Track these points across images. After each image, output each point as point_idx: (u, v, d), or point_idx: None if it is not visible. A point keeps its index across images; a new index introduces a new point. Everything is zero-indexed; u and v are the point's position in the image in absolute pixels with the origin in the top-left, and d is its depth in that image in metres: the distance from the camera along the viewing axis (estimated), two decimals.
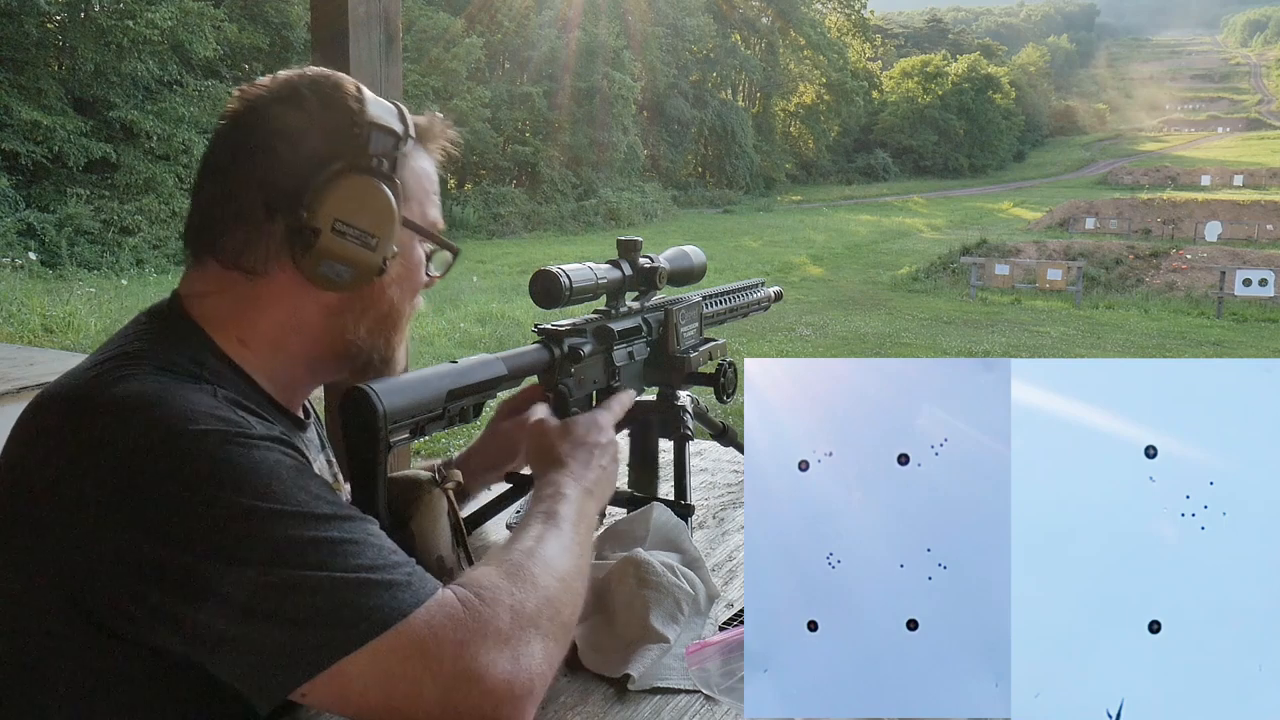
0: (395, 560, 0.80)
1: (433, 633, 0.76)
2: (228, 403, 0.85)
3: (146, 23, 17.10)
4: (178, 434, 0.78)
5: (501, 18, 30.44)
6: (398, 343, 1.03)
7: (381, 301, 1.00)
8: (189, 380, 0.86)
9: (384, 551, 0.80)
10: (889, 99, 63.44)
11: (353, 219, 0.93)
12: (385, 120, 0.96)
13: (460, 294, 13.95)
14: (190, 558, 0.74)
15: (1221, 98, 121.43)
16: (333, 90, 0.97)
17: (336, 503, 0.82)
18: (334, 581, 0.75)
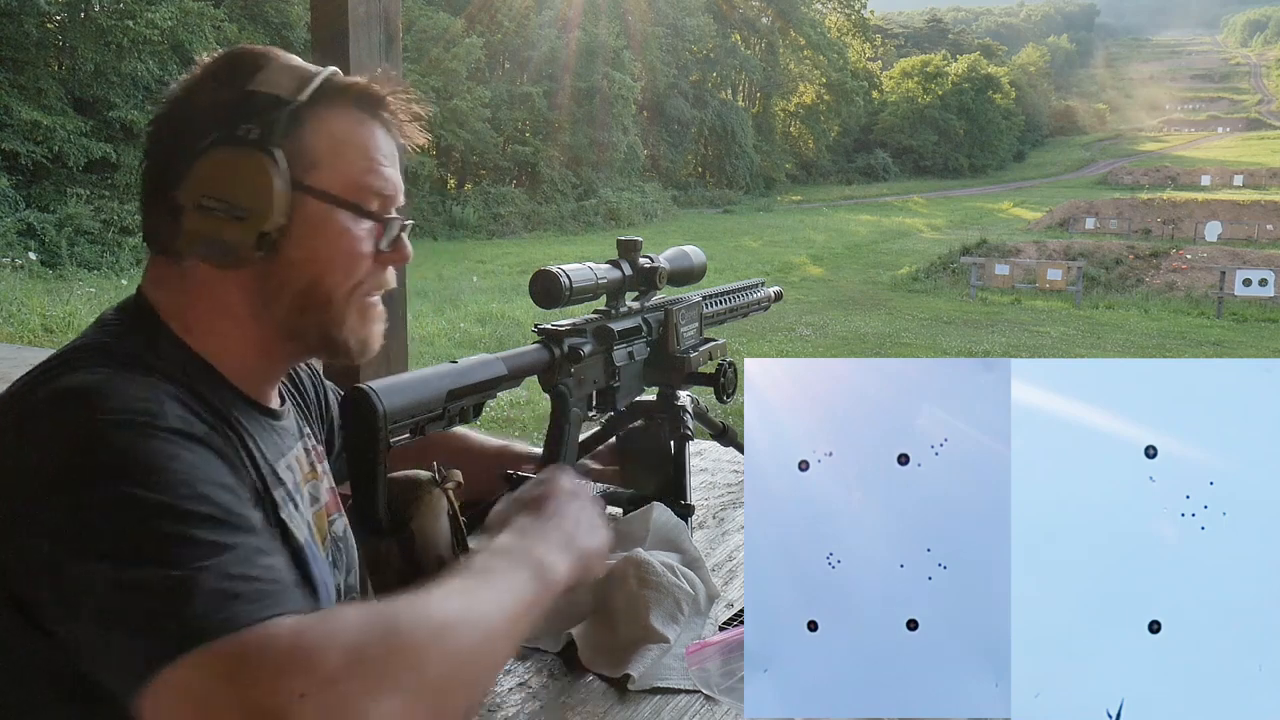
0: (254, 574, 0.73)
1: (253, 656, 0.68)
2: (165, 394, 0.84)
3: (146, 23, 17.11)
4: (89, 423, 0.77)
5: (501, 18, 30.43)
6: (337, 320, 0.97)
7: (295, 278, 0.95)
8: (136, 370, 0.85)
9: (247, 563, 0.74)
10: (889, 99, 63.43)
11: (219, 192, 0.90)
12: (268, 87, 0.92)
13: (460, 294, 13.95)
14: (69, 553, 0.72)
15: (1221, 98, 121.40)
16: (230, 63, 0.95)
17: (222, 505, 0.77)
18: (179, 583, 0.70)
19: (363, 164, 0.96)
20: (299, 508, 0.99)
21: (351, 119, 0.97)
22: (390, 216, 0.98)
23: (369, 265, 0.98)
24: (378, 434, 0.91)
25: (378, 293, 1.01)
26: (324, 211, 0.94)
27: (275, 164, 0.91)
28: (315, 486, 1.06)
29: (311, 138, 0.94)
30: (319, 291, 0.95)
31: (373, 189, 0.97)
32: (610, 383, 1.31)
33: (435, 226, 25.10)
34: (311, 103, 0.94)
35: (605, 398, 1.32)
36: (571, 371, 1.23)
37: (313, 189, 0.94)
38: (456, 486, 1.01)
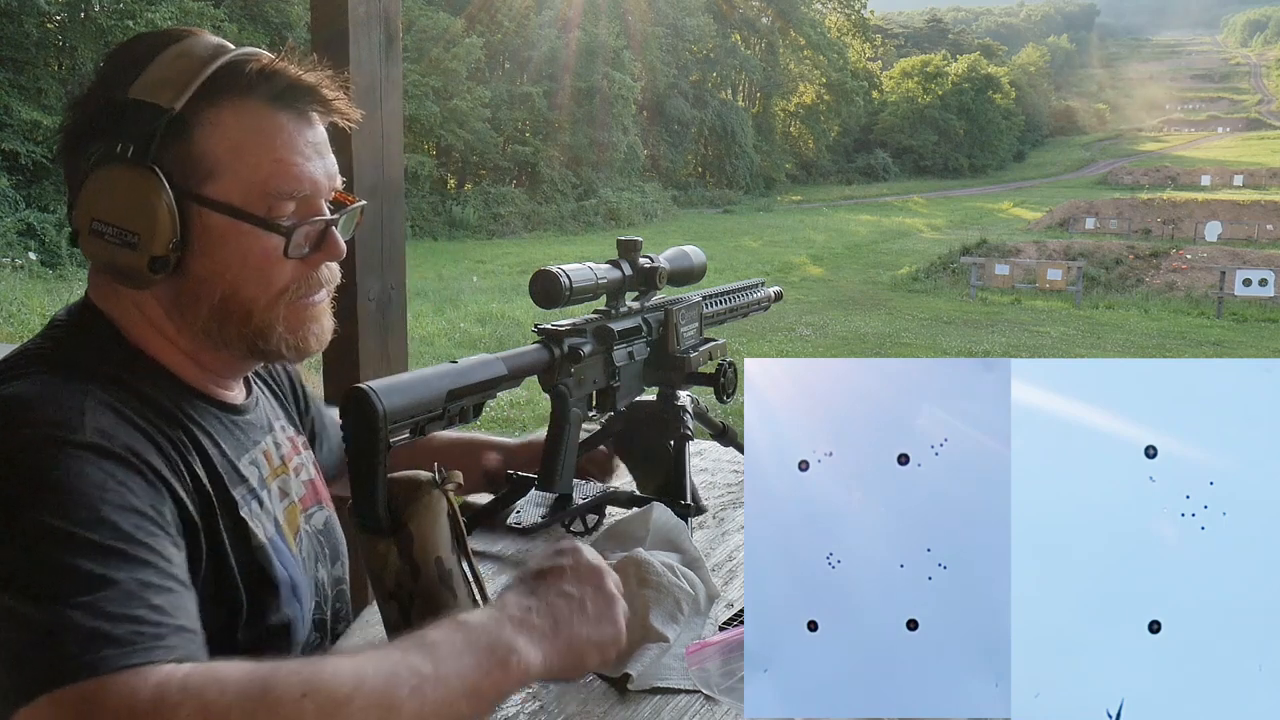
0: (137, 614, 0.69)
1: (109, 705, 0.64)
2: (98, 403, 0.81)
3: (146, 23, 17.11)
4: (7, 440, 0.75)
5: (501, 18, 30.44)
6: (262, 329, 0.92)
7: (207, 292, 0.89)
8: (69, 377, 0.83)
9: (130, 600, 0.69)
10: (889, 99, 63.44)
11: (107, 216, 0.85)
12: (146, 94, 0.85)
13: (460, 294, 13.96)
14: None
15: (1221, 98, 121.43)
16: (116, 63, 0.89)
17: (123, 531, 0.73)
18: (54, 619, 0.67)
19: (267, 166, 0.89)
20: (264, 504, 0.97)
21: (252, 114, 0.89)
22: (302, 222, 0.91)
23: (291, 271, 0.92)
24: (378, 434, 0.91)
25: (315, 293, 0.96)
26: (226, 224, 0.88)
27: (159, 181, 0.84)
28: (285, 481, 1.04)
29: (204, 144, 0.87)
30: (236, 304, 0.91)
31: (283, 193, 0.90)
32: (610, 383, 1.31)
33: (435, 226, 25.11)
34: (201, 104, 0.87)
35: (605, 398, 1.32)
36: (571, 371, 1.23)
37: (210, 200, 0.87)
38: (456, 487, 1.00)
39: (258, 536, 0.93)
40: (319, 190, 0.93)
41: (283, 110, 0.90)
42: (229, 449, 0.95)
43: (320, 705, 0.66)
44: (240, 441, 0.98)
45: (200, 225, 0.87)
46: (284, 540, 1.00)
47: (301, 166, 0.91)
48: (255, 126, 0.89)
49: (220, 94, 0.88)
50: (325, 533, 1.11)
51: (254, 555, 0.93)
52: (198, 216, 0.87)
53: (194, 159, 0.87)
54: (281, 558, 0.97)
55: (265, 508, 0.98)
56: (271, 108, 0.89)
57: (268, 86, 0.89)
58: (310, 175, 0.91)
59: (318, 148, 0.94)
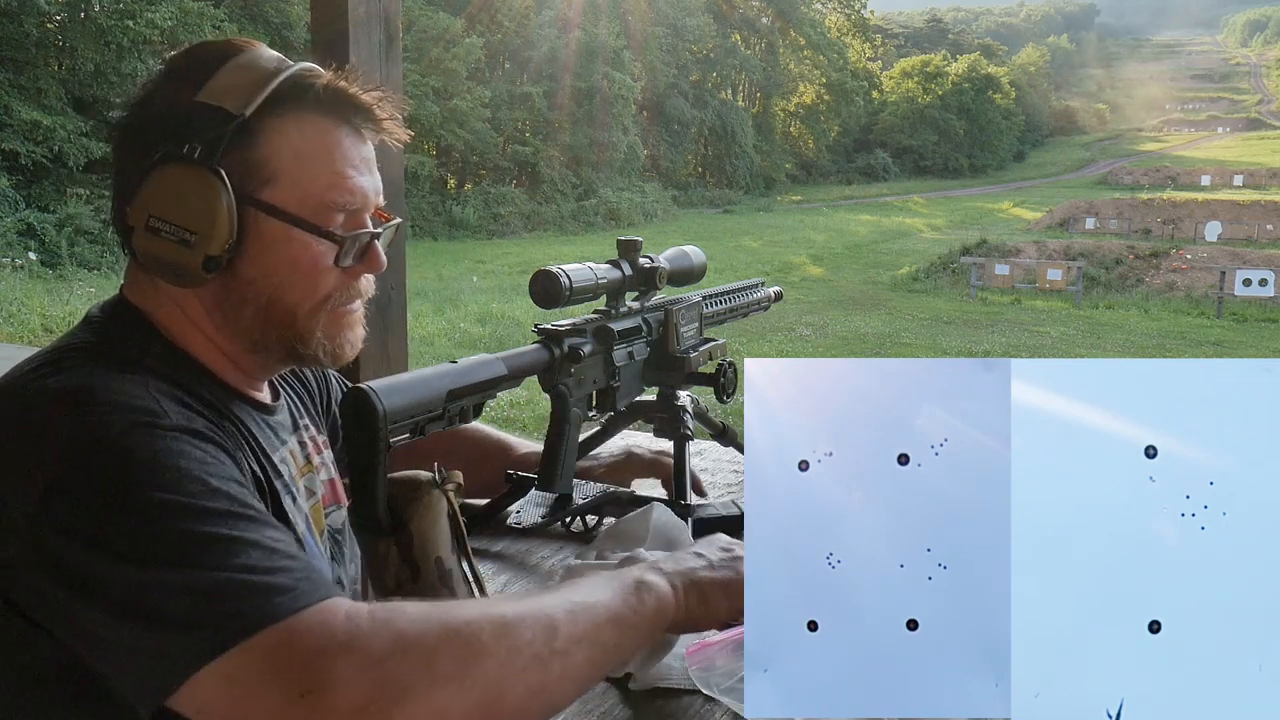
0: (283, 565, 0.73)
1: (295, 639, 0.69)
2: (159, 392, 0.83)
3: (146, 23, 17.12)
4: (88, 424, 0.77)
5: (501, 18, 30.45)
6: (303, 335, 0.94)
7: (254, 294, 0.92)
8: (123, 368, 0.84)
9: (274, 554, 0.74)
10: (889, 99, 63.45)
11: (166, 215, 0.87)
12: (216, 98, 0.88)
13: (460, 294, 13.96)
14: (79, 550, 0.72)
15: (1221, 98, 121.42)
16: (184, 67, 0.91)
17: (238, 499, 0.77)
18: (210, 582, 0.70)
19: (326, 178, 0.91)
20: (296, 500, 0.99)
21: (314, 126, 0.92)
22: (352, 233, 0.94)
23: (335, 280, 0.94)
24: (378, 434, 0.91)
25: (353, 302, 0.98)
26: (280, 229, 0.90)
27: (222, 184, 0.87)
28: (311, 480, 1.05)
29: (266, 150, 0.90)
30: (280, 308, 0.93)
31: (337, 204, 0.92)
32: (610, 383, 1.31)
33: (435, 226, 25.12)
34: (266, 113, 0.90)
35: (605, 398, 1.32)
36: (571, 371, 1.23)
37: (268, 206, 0.89)
38: (456, 487, 1.01)
39: (296, 530, 0.95)
40: (367, 204, 0.96)
41: (341, 125, 0.93)
42: (265, 445, 0.97)
43: (494, 625, 0.74)
44: (271, 440, 1.00)
45: (255, 229, 0.90)
46: (313, 536, 1.01)
47: (355, 180, 0.93)
48: (316, 138, 0.92)
49: (285, 104, 0.90)
50: (343, 533, 1.12)
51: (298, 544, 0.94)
52: (254, 220, 0.89)
53: (256, 164, 0.89)
54: (312, 553, 0.98)
55: (297, 504, 0.99)
56: (331, 121, 0.93)
57: (330, 102, 0.92)
58: (361, 189, 0.94)
59: (369, 164, 0.97)
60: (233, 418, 0.93)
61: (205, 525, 0.73)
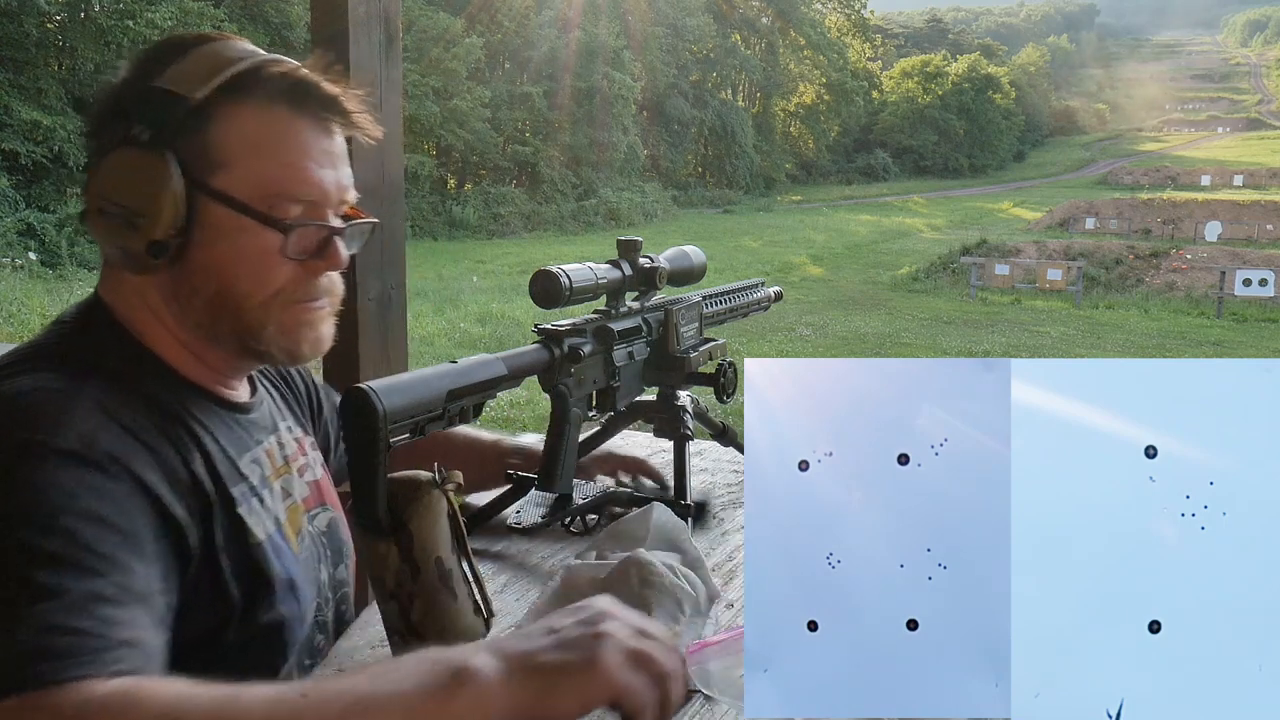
0: (83, 628, 0.68)
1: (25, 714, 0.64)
2: (98, 405, 0.81)
3: (146, 23, 17.14)
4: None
5: (501, 18, 30.45)
6: (252, 328, 0.92)
7: (203, 284, 0.90)
8: (75, 375, 0.84)
9: (79, 614, 0.68)
10: (889, 99, 63.46)
11: (114, 197, 0.86)
12: (172, 83, 0.87)
13: (460, 294, 13.96)
14: None
15: (1221, 98, 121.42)
16: (151, 54, 0.91)
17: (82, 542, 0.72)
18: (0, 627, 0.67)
19: (279, 168, 0.90)
20: (264, 502, 0.97)
21: (272, 115, 0.90)
22: (302, 223, 0.91)
23: (288, 273, 0.92)
24: (377, 434, 0.91)
25: (312, 300, 0.95)
26: (230, 218, 0.89)
27: (169, 167, 0.86)
28: (288, 481, 1.04)
29: (220, 136, 0.88)
30: (229, 299, 0.91)
31: (291, 195, 0.90)
32: (610, 383, 1.31)
33: (435, 226, 25.12)
34: (222, 99, 0.88)
35: (605, 398, 1.32)
36: (571, 371, 1.22)
37: (216, 192, 0.88)
38: (456, 487, 1.00)
39: (255, 534, 0.94)
40: (326, 198, 0.93)
41: (302, 116, 0.91)
42: (230, 447, 0.96)
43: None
44: (242, 440, 0.98)
45: (204, 215, 0.88)
46: (284, 539, 1.00)
47: (312, 172, 0.91)
48: (272, 127, 0.90)
49: (243, 92, 0.89)
50: (329, 534, 1.11)
51: (251, 552, 0.93)
52: (203, 207, 0.88)
53: (207, 150, 0.88)
54: (280, 555, 0.97)
55: (266, 505, 0.98)
56: (292, 112, 0.91)
57: (291, 91, 0.91)
58: (319, 182, 0.92)
59: (332, 157, 0.94)
60: (189, 421, 0.91)
61: (27, 565, 0.70)
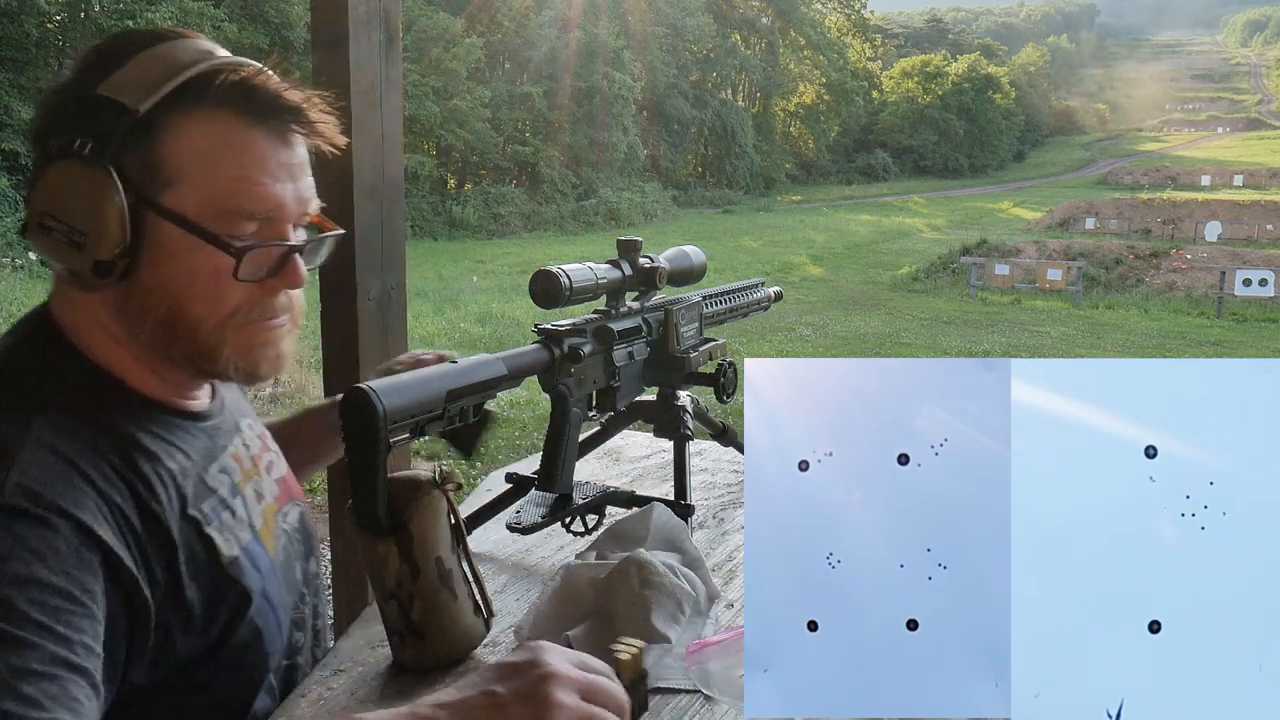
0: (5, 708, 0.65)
1: None
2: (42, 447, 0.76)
3: (146, 23, 17.12)
4: None
5: (501, 18, 30.46)
6: (207, 350, 0.87)
7: (154, 305, 0.85)
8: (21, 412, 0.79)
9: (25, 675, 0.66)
10: (889, 99, 63.47)
11: (57, 213, 0.81)
12: (115, 92, 0.82)
13: (460, 294, 13.96)
14: None
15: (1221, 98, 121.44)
16: (95, 57, 0.85)
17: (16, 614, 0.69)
18: None
19: (230, 182, 0.84)
20: (236, 513, 0.94)
21: (223, 126, 0.84)
22: (258, 244, 0.86)
23: (243, 293, 0.87)
24: (378, 434, 0.91)
25: (270, 319, 0.91)
26: (181, 237, 0.83)
27: (114, 184, 0.81)
28: (258, 483, 1.02)
29: (168, 150, 0.83)
30: (182, 321, 0.86)
31: (243, 211, 0.85)
32: (610, 383, 1.31)
33: (435, 226, 25.12)
34: (170, 109, 0.83)
35: (605, 398, 1.32)
36: (571, 371, 1.23)
37: (166, 210, 0.83)
38: (456, 487, 1.01)
39: (228, 552, 0.90)
40: (284, 214, 0.88)
41: (256, 126, 0.86)
42: (195, 460, 0.92)
43: None
44: (208, 449, 0.94)
45: (153, 234, 0.83)
46: (261, 545, 0.97)
47: (268, 187, 0.86)
48: (224, 139, 0.84)
49: (192, 102, 0.83)
50: (301, 529, 1.10)
51: (224, 572, 0.89)
52: (152, 225, 0.83)
53: (155, 165, 0.83)
54: (257, 564, 0.94)
55: (238, 516, 0.95)
56: (245, 122, 0.85)
57: (245, 100, 0.85)
58: (276, 196, 0.87)
59: (291, 169, 0.88)
60: (149, 443, 0.87)
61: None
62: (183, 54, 0.85)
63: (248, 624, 0.92)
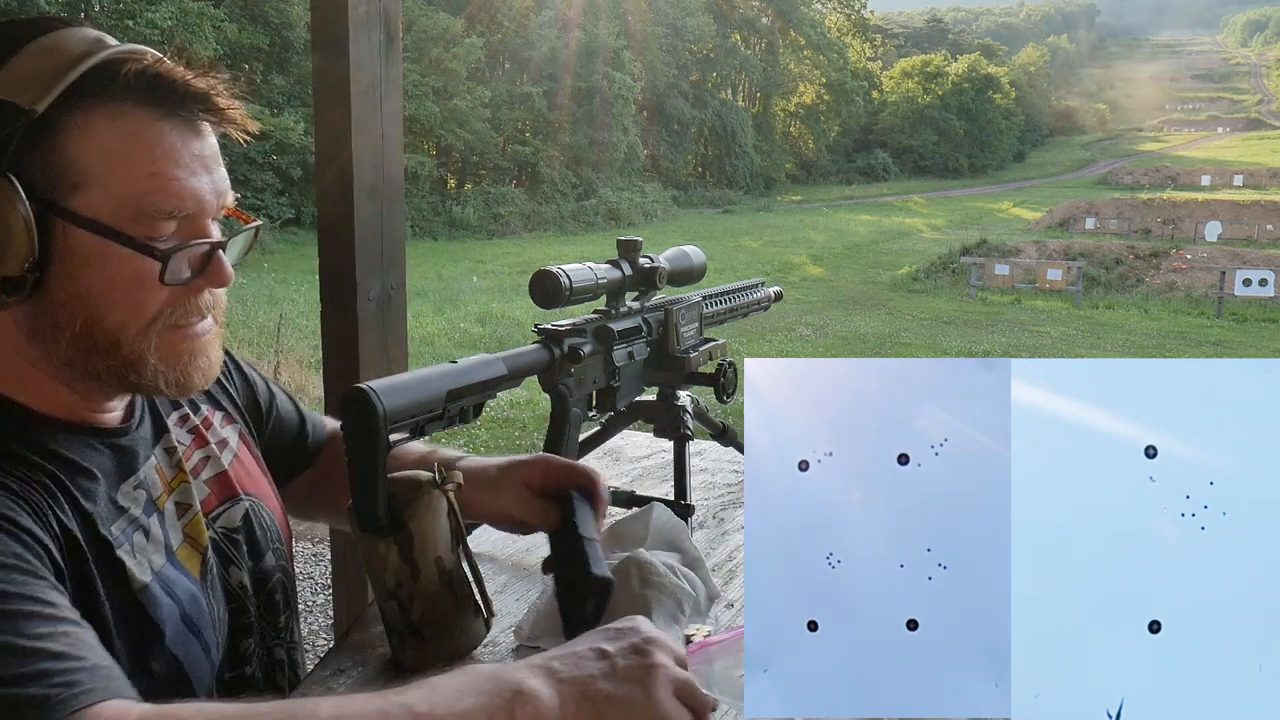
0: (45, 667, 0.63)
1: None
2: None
3: (146, 22, 17.13)
4: None
5: (501, 18, 30.47)
6: (132, 362, 0.82)
7: (68, 318, 0.79)
8: None
9: (34, 655, 0.64)
10: (889, 99, 63.51)
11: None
12: (7, 91, 0.75)
13: (460, 294, 13.96)
14: None
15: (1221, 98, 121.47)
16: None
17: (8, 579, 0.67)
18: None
19: (144, 180, 0.78)
20: (150, 533, 0.89)
21: (130, 120, 0.79)
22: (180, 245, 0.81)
23: (166, 297, 0.82)
24: (378, 434, 0.91)
25: (193, 320, 0.86)
26: (94, 243, 0.78)
27: (15, 191, 0.74)
28: (184, 491, 0.96)
29: (72, 151, 0.77)
30: (101, 333, 0.80)
31: (160, 210, 0.79)
32: (610, 383, 1.31)
33: (435, 226, 25.13)
34: (70, 106, 0.77)
35: (605, 398, 1.32)
36: (571, 371, 1.23)
37: (75, 215, 0.77)
38: (456, 487, 1.00)
39: (139, 578, 0.86)
40: (204, 209, 0.83)
41: (165, 118, 0.80)
42: (106, 481, 0.87)
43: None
44: (122, 465, 0.90)
45: (63, 243, 0.77)
46: (178, 567, 0.92)
47: (184, 182, 0.80)
48: (131, 135, 0.78)
49: (92, 97, 0.78)
50: (245, 528, 1.03)
51: (135, 598, 0.85)
52: (61, 233, 0.77)
53: (59, 168, 0.77)
54: (172, 589, 0.89)
55: (153, 536, 0.90)
56: (152, 115, 0.79)
57: (149, 91, 0.79)
58: (194, 192, 0.81)
59: (205, 161, 0.83)
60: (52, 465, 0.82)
61: None
62: (73, 45, 0.79)
63: (162, 654, 0.87)
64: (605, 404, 1.33)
